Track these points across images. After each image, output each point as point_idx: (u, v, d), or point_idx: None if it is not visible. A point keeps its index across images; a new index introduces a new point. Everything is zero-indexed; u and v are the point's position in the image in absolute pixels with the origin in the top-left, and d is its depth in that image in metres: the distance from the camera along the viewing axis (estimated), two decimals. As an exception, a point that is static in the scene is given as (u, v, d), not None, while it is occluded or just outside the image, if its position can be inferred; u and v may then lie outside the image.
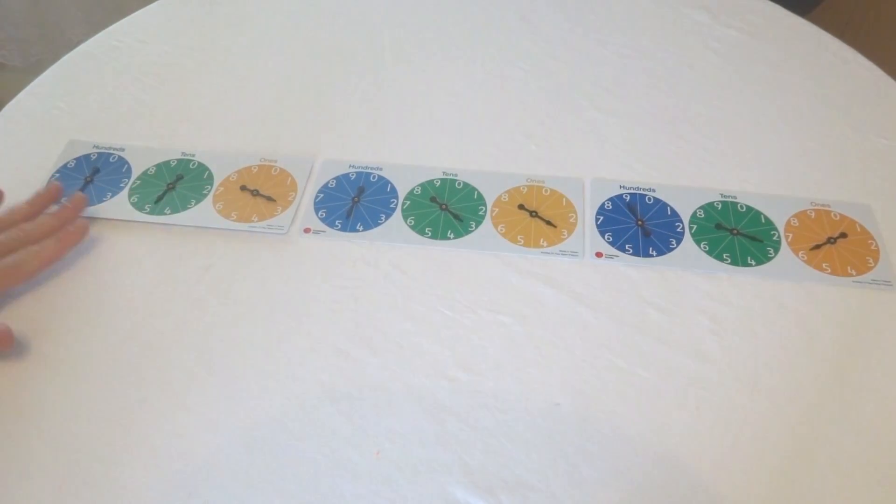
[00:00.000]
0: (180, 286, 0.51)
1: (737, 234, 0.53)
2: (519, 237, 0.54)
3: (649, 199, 0.56)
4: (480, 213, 0.55)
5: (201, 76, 0.68)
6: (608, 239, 0.53)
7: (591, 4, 0.75)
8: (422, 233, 0.54)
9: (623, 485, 0.41)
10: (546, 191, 0.57)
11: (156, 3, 0.77)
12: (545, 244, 0.53)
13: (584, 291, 0.50)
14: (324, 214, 0.56)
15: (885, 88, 0.65)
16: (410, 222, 0.55)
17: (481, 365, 0.47)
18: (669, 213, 0.55)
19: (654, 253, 0.52)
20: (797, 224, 0.54)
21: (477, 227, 0.54)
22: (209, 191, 0.57)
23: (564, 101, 0.65)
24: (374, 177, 0.58)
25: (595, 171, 0.58)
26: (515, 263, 0.52)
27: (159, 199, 0.57)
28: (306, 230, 0.55)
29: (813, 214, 0.55)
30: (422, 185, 0.57)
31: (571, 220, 0.55)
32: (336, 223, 0.55)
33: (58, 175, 0.59)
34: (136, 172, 0.59)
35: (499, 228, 0.54)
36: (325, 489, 0.41)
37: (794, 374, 0.46)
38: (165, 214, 0.55)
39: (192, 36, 0.73)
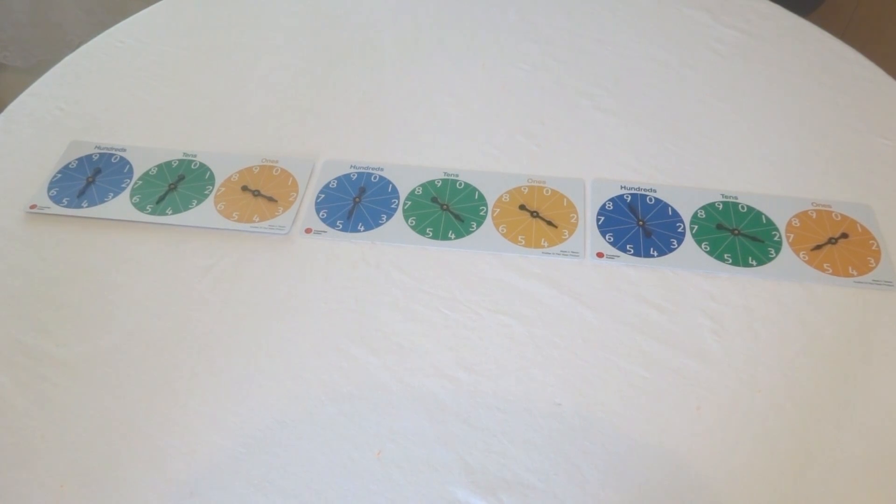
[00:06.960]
0: (181, 286, 0.51)
1: (738, 235, 0.53)
2: (520, 237, 0.54)
3: (650, 199, 0.56)
4: (481, 213, 0.55)
5: (203, 76, 0.68)
6: (609, 239, 0.53)
7: (591, 4, 0.75)
8: (423, 233, 0.54)
9: (623, 485, 0.41)
10: (547, 191, 0.57)
11: (157, 4, 0.77)
12: (546, 244, 0.53)
13: (585, 292, 0.50)
14: (325, 215, 0.56)
15: (886, 88, 0.64)
16: (411, 222, 0.55)
17: (482, 365, 0.47)
18: (670, 213, 0.55)
19: (655, 253, 0.52)
20: (798, 224, 0.54)
21: (478, 227, 0.54)
22: (210, 191, 0.57)
23: (565, 101, 0.65)
24: (375, 177, 0.58)
25: (596, 171, 0.58)
26: (516, 264, 0.52)
27: (161, 199, 0.57)
28: (307, 230, 0.55)
29: (814, 215, 0.55)
30: (423, 185, 0.57)
31: (572, 221, 0.55)
32: (337, 223, 0.55)
33: (59, 175, 0.59)
34: (137, 173, 0.59)
35: (500, 229, 0.54)
36: (325, 489, 0.41)
37: (794, 374, 0.46)
38: (167, 215, 0.56)
39: (194, 36, 0.73)
